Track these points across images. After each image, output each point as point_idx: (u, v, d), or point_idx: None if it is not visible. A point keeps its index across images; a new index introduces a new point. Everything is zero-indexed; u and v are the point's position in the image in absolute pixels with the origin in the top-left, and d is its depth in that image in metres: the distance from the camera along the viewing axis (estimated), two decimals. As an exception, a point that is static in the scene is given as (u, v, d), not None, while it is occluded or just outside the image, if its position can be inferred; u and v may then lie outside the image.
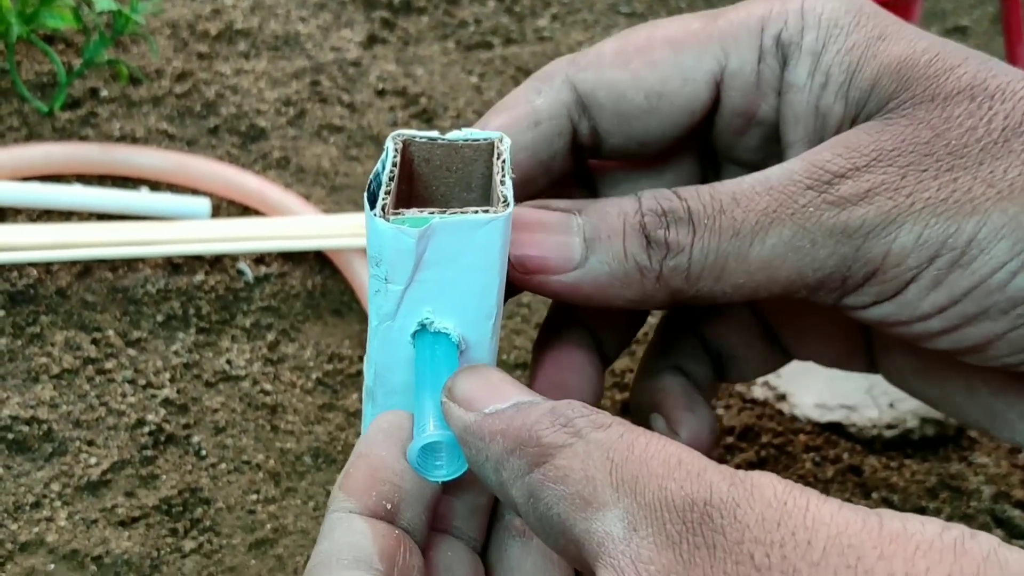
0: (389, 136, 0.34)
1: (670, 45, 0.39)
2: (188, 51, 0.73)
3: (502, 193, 0.33)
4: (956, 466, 0.55)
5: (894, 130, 0.36)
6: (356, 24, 0.78)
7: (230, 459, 0.52)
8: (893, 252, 0.36)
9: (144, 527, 0.49)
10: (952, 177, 0.35)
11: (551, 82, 0.40)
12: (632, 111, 0.39)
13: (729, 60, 0.39)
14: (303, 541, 0.49)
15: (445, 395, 0.34)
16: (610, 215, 0.37)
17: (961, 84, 0.36)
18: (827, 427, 0.56)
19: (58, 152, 0.64)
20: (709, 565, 0.28)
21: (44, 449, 0.51)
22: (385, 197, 0.33)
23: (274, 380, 0.56)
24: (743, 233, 0.36)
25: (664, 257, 0.36)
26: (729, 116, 0.40)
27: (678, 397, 0.43)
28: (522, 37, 0.79)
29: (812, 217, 0.35)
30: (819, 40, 0.38)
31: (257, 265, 0.61)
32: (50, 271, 0.59)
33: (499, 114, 0.39)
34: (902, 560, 0.26)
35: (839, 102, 0.38)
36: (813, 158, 0.36)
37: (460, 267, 0.33)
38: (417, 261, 0.33)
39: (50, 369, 0.54)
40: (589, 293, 0.37)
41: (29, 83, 0.69)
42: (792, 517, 0.27)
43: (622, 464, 0.30)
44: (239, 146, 0.68)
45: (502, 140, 0.35)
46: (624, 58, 0.39)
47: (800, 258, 0.36)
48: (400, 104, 0.72)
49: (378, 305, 0.34)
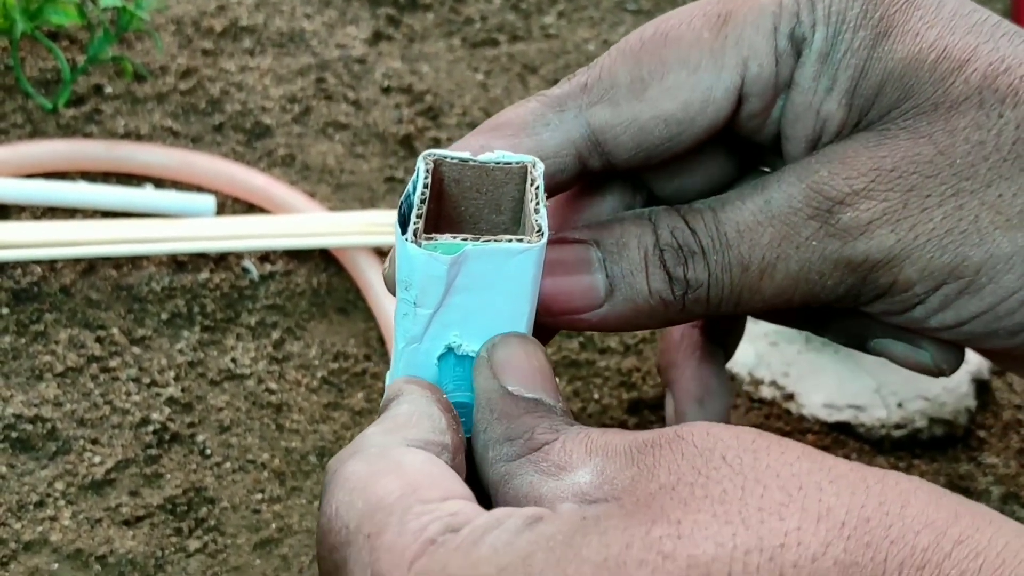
0: (420, 156, 0.34)
1: (684, 65, 0.36)
2: (193, 48, 0.73)
3: (536, 222, 0.33)
4: (965, 466, 0.55)
5: (893, 145, 0.35)
6: (361, 21, 0.78)
7: (235, 458, 0.52)
8: (899, 282, 0.35)
9: (148, 526, 0.49)
10: (958, 204, 0.34)
11: (562, 115, 0.37)
12: (652, 141, 0.37)
13: (748, 69, 0.37)
14: (308, 540, 0.49)
15: (485, 349, 0.34)
16: (629, 249, 0.36)
17: (969, 88, 0.35)
18: (835, 427, 0.55)
19: (62, 149, 0.64)
20: (676, 464, 0.29)
21: (48, 448, 0.51)
22: (417, 221, 0.32)
23: (279, 379, 0.55)
24: (752, 269, 0.36)
25: (685, 292, 0.36)
26: (747, 119, 0.38)
27: (690, 383, 0.43)
28: (528, 34, 0.79)
29: (816, 251, 0.35)
30: (828, 39, 0.36)
31: (262, 263, 0.61)
32: (54, 269, 0.59)
33: (501, 136, 0.37)
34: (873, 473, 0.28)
35: (842, 108, 0.37)
36: (812, 180, 0.35)
37: (491, 293, 0.33)
38: (448, 287, 0.33)
39: (54, 367, 0.54)
40: (615, 326, 0.38)
41: (33, 80, 0.69)
42: (767, 438, 0.29)
43: (598, 437, 0.31)
44: (244, 143, 0.68)
45: (535, 165, 0.34)
46: (639, 85, 0.37)
47: (811, 287, 0.36)
48: (406, 101, 0.72)
49: (405, 328, 0.34)
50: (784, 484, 0.27)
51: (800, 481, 0.27)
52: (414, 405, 0.33)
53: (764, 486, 0.27)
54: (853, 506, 0.27)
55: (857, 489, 0.27)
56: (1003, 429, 0.57)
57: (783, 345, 0.57)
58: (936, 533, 0.26)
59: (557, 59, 0.77)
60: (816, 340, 0.57)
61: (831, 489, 0.27)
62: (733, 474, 0.28)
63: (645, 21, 0.40)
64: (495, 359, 0.34)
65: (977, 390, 0.57)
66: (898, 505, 0.27)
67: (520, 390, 0.33)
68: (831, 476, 0.27)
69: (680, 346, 0.44)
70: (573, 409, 0.56)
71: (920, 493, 0.27)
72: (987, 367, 0.57)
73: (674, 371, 0.44)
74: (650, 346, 0.59)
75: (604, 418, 0.55)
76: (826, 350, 0.57)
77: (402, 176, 0.67)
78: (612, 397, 0.56)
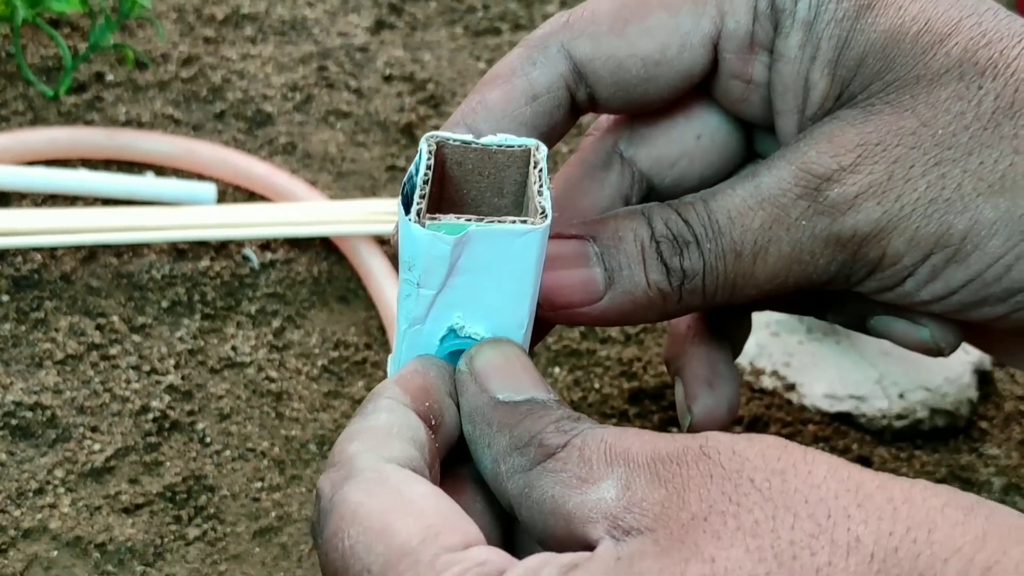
0: (423, 138, 0.34)
1: (666, 8, 0.38)
2: (194, 35, 0.73)
3: (540, 204, 0.33)
4: (966, 457, 0.54)
5: (878, 120, 0.35)
6: (363, 9, 0.77)
7: (235, 446, 0.52)
8: (888, 255, 0.36)
9: (148, 514, 0.49)
10: (940, 173, 0.35)
11: (546, 52, 0.38)
12: (630, 80, 0.38)
13: (725, 21, 0.38)
14: (307, 529, 0.49)
15: (464, 363, 0.34)
16: (626, 242, 0.37)
17: (950, 61, 0.35)
18: (836, 417, 0.55)
19: (63, 136, 0.64)
20: (706, 489, 0.28)
21: (48, 435, 0.51)
22: (420, 202, 0.32)
23: (279, 367, 0.55)
24: (744, 254, 0.36)
25: (682, 283, 0.37)
26: (727, 78, 0.39)
27: (699, 367, 0.43)
28: (531, 23, 0.78)
29: (806, 230, 0.36)
30: (811, 8, 0.37)
31: (263, 251, 0.61)
32: (55, 256, 0.59)
33: (494, 87, 0.37)
34: (900, 489, 0.27)
35: (825, 78, 0.37)
36: (800, 161, 0.36)
37: (494, 275, 0.33)
38: (451, 267, 0.32)
39: (54, 355, 0.54)
40: (614, 320, 0.38)
41: (35, 67, 0.69)
42: (792, 454, 0.28)
43: (615, 442, 0.31)
44: (245, 131, 0.68)
45: (538, 148, 0.34)
46: (620, 24, 0.38)
47: (803, 267, 0.36)
48: (407, 90, 0.71)
49: (408, 309, 0.34)
50: (813, 511, 0.27)
51: (828, 507, 0.27)
52: (393, 415, 0.32)
53: (794, 515, 0.27)
54: (881, 535, 0.26)
55: (884, 514, 0.27)
56: (1005, 420, 0.57)
57: (784, 335, 0.57)
58: (964, 561, 0.26)
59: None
60: (817, 330, 0.57)
61: (859, 516, 0.27)
62: (763, 501, 0.28)
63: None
64: (476, 370, 0.33)
65: (979, 381, 0.56)
66: (925, 531, 0.27)
67: (511, 395, 0.33)
68: (858, 499, 0.27)
69: (687, 336, 0.44)
70: (574, 399, 0.55)
71: (948, 511, 0.27)
72: (989, 358, 0.57)
73: (682, 358, 0.44)
74: (651, 336, 0.59)
75: (605, 407, 0.55)
76: (827, 340, 0.57)
77: (403, 164, 0.66)
78: (613, 387, 0.56)
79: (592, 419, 0.33)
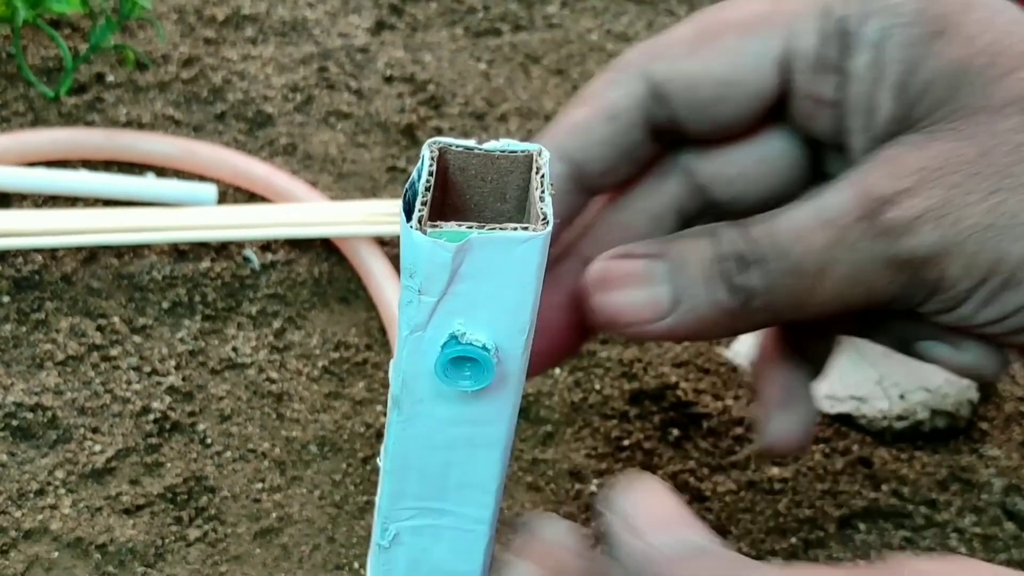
0: (425, 143, 0.34)
1: (738, 30, 0.39)
2: (195, 36, 0.73)
3: (542, 210, 0.33)
4: (967, 458, 0.54)
5: (940, 146, 0.36)
6: (364, 10, 0.77)
7: (235, 447, 0.52)
8: (946, 278, 0.36)
9: (149, 515, 0.49)
10: (997, 201, 0.35)
11: (626, 74, 0.40)
12: (704, 100, 0.39)
13: (794, 42, 0.39)
14: (308, 530, 0.49)
15: (607, 506, 0.33)
16: (692, 262, 0.38)
17: (1012, 94, 0.36)
18: (837, 418, 0.55)
19: (64, 137, 0.64)
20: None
21: (48, 436, 0.51)
22: (422, 208, 0.32)
23: (280, 368, 0.55)
24: (807, 275, 0.37)
25: (746, 301, 0.37)
26: (797, 98, 0.40)
27: (774, 388, 0.44)
28: (531, 24, 0.78)
29: (865, 253, 0.36)
30: (882, 31, 0.38)
31: (263, 252, 0.61)
32: (55, 257, 0.59)
33: (578, 107, 0.40)
34: None
35: (890, 100, 0.38)
36: (861, 183, 0.37)
37: (496, 282, 0.33)
38: (452, 274, 0.32)
39: (55, 356, 0.54)
40: (683, 336, 0.39)
41: (35, 68, 0.69)
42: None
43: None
44: (246, 132, 0.68)
45: (541, 153, 0.34)
46: (695, 46, 0.39)
47: (865, 289, 0.37)
48: (408, 91, 0.72)
49: (409, 316, 0.34)
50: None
51: None
52: None
53: None
54: None
55: None
56: (1005, 421, 0.57)
57: (785, 336, 0.57)
58: None
59: (560, 49, 0.77)
60: (818, 331, 0.57)
61: None
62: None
63: (649, 11, 0.40)
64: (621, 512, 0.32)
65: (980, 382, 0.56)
66: None
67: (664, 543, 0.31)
68: None
69: (767, 357, 0.45)
70: (574, 400, 0.55)
71: None
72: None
73: (760, 379, 0.45)
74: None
75: (605, 408, 0.55)
76: (828, 341, 0.57)
77: (404, 166, 0.66)
78: (613, 388, 0.56)
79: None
